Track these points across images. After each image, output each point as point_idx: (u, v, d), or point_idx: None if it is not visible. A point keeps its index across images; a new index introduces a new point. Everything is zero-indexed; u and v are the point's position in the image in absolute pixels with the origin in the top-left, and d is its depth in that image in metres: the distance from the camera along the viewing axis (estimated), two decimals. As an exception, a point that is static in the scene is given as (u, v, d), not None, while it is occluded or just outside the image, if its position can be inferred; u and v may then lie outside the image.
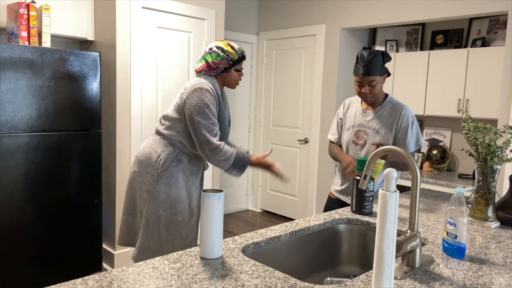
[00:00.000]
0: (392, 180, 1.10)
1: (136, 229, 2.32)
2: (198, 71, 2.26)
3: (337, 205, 2.44)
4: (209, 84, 2.18)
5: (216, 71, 2.23)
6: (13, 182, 2.73)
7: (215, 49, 2.23)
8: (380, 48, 4.52)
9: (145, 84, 3.42)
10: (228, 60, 2.23)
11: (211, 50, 2.23)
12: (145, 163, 2.24)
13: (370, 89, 2.20)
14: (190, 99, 2.14)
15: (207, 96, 2.14)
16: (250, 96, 5.25)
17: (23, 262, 2.80)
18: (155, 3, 3.40)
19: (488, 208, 1.77)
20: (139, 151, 2.31)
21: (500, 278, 1.26)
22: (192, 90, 2.15)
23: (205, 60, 2.23)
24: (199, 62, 2.27)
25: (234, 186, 5.23)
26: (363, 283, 1.20)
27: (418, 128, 2.26)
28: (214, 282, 1.17)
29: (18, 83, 2.70)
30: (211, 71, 2.23)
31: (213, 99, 2.16)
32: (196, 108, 2.12)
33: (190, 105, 2.13)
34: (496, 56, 3.51)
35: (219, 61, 2.21)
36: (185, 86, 2.24)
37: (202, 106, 2.12)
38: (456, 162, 4.11)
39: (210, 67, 2.22)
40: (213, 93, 2.17)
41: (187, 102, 2.15)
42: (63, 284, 1.11)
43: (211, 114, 2.14)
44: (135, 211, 2.32)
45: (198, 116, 2.11)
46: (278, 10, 4.94)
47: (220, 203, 1.34)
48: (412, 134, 2.23)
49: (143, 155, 2.26)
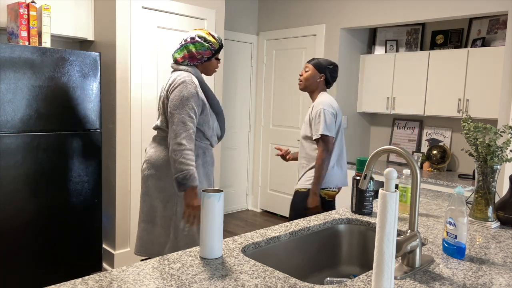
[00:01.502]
0: (392, 180, 1.10)
1: (157, 238, 2.25)
2: (180, 61, 2.24)
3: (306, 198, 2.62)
4: (191, 75, 2.18)
5: (200, 61, 2.24)
6: (13, 182, 2.73)
7: (198, 38, 2.22)
8: (380, 48, 4.53)
9: (145, 84, 3.42)
10: (211, 50, 2.24)
11: (193, 40, 2.22)
12: (163, 166, 2.20)
13: (302, 72, 2.67)
14: (172, 93, 2.14)
15: (189, 90, 2.13)
16: (250, 96, 5.25)
17: (23, 262, 2.80)
18: (155, 3, 3.40)
19: (488, 208, 1.77)
20: (151, 155, 2.25)
21: (500, 278, 1.26)
22: (175, 85, 2.14)
23: (188, 50, 2.22)
24: (180, 52, 2.24)
25: (234, 186, 5.23)
26: (363, 283, 1.20)
27: (324, 119, 2.50)
28: (214, 282, 1.17)
29: (18, 83, 2.70)
30: (194, 60, 2.23)
31: (195, 92, 2.15)
32: (176, 101, 2.11)
33: (171, 98, 2.13)
34: (496, 56, 3.51)
35: (203, 51, 2.22)
36: (168, 82, 2.22)
37: (182, 99, 2.11)
38: (456, 162, 4.11)
39: (193, 57, 2.22)
40: (196, 85, 2.16)
41: (170, 96, 2.15)
42: (63, 284, 1.11)
43: (190, 109, 2.13)
44: (154, 218, 2.25)
45: (178, 108, 2.11)
46: (278, 10, 4.94)
47: (220, 203, 1.34)
48: (315, 124, 2.53)
49: (159, 159, 2.21)
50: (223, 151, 4.96)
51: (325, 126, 2.48)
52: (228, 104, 4.99)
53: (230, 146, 5.08)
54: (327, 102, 2.55)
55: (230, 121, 5.05)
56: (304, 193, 2.59)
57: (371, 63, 4.45)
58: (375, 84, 4.41)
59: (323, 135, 2.49)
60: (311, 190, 2.52)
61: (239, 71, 5.09)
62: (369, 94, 4.47)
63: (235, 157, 5.18)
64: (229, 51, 4.92)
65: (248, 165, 5.34)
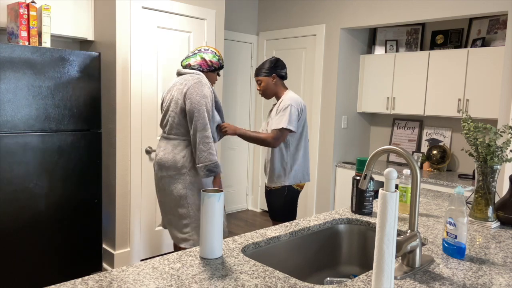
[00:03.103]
0: (392, 180, 1.10)
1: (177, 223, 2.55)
2: (191, 66, 2.53)
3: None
4: (204, 77, 2.49)
5: (210, 68, 2.55)
6: (13, 182, 2.73)
7: (212, 50, 2.58)
8: (380, 48, 4.53)
9: (145, 84, 3.42)
10: (220, 62, 2.60)
11: (207, 50, 2.57)
12: (173, 167, 2.48)
13: (258, 86, 2.80)
14: (192, 91, 2.39)
15: (207, 90, 2.41)
16: (250, 96, 5.25)
17: (23, 262, 2.80)
18: (155, 3, 3.40)
19: (488, 208, 1.77)
20: (161, 158, 2.52)
21: (500, 278, 1.26)
22: (192, 84, 2.40)
23: (201, 57, 2.52)
24: (193, 57, 2.54)
25: (234, 186, 5.23)
26: (363, 283, 1.20)
27: (289, 113, 2.61)
28: (214, 282, 1.17)
29: (18, 83, 2.70)
30: (205, 67, 2.54)
31: (210, 92, 2.44)
32: (198, 98, 2.37)
33: (191, 96, 2.38)
34: (496, 56, 3.51)
35: (215, 61, 2.56)
36: (180, 81, 2.45)
37: (204, 96, 2.38)
38: (456, 162, 4.11)
39: (207, 64, 2.54)
40: (210, 88, 2.45)
41: (189, 94, 2.39)
42: (63, 284, 1.11)
43: (209, 106, 2.41)
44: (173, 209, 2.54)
45: (202, 105, 2.37)
46: (278, 10, 4.94)
47: (220, 203, 1.34)
48: (278, 117, 2.65)
49: (169, 161, 2.49)
50: (223, 151, 4.96)
51: (289, 120, 2.61)
52: (228, 104, 4.99)
53: (230, 146, 5.08)
54: (295, 99, 2.69)
55: (230, 121, 5.05)
56: (279, 189, 2.75)
57: (371, 63, 4.45)
58: (375, 84, 4.41)
59: (284, 128, 2.61)
60: (241, 132, 2.62)
61: (239, 71, 5.09)
62: (369, 94, 4.47)
63: (235, 157, 5.18)
64: (229, 51, 4.92)
65: (248, 165, 5.34)
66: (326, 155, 4.50)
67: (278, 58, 2.78)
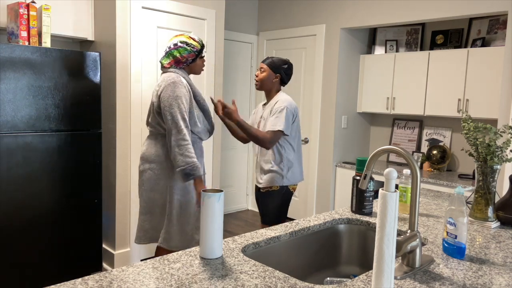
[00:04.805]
0: (392, 180, 1.10)
1: (156, 225, 2.47)
2: (167, 67, 2.46)
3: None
4: (179, 76, 2.40)
5: (185, 63, 2.47)
6: (13, 182, 2.73)
7: (180, 44, 2.44)
8: (380, 48, 4.53)
9: (145, 84, 3.42)
10: (194, 52, 2.47)
11: (176, 45, 2.44)
12: (156, 161, 2.42)
13: (258, 73, 2.76)
14: (164, 92, 2.33)
15: (180, 89, 2.34)
16: (250, 96, 5.25)
17: (23, 262, 2.80)
18: (155, 3, 3.40)
19: (488, 208, 1.77)
20: (144, 151, 2.48)
21: (500, 278, 1.26)
22: (165, 85, 2.35)
23: (172, 56, 2.45)
24: (166, 59, 2.46)
25: (234, 186, 5.23)
26: (363, 283, 1.20)
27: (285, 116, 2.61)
28: (214, 282, 1.17)
29: (18, 83, 2.70)
30: (180, 64, 2.46)
31: (185, 91, 2.37)
32: (170, 100, 2.31)
33: (164, 98, 2.33)
34: (496, 56, 3.51)
35: (187, 55, 2.45)
36: (158, 83, 2.43)
37: (176, 98, 2.32)
38: (456, 162, 4.11)
39: (179, 61, 2.45)
40: (185, 85, 2.39)
41: (161, 96, 2.34)
42: (63, 284, 1.11)
43: (183, 107, 2.33)
44: (153, 208, 2.46)
45: (174, 107, 2.31)
46: (278, 10, 4.94)
47: (220, 203, 1.34)
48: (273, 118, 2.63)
49: (151, 155, 2.44)
50: (223, 151, 4.96)
51: (284, 123, 2.62)
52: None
53: (230, 146, 5.08)
54: (289, 101, 2.70)
55: (230, 121, 5.05)
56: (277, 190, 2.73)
57: (371, 63, 4.45)
58: (375, 84, 4.41)
59: (280, 130, 2.61)
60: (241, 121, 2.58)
61: (239, 71, 5.09)
62: (369, 94, 4.47)
63: (235, 157, 5.18)
64: (229, 51, 4.92)
65: (248, 165, 5.34)
66: (326, 155, 4.50)
67: (291, 64, 2.80)
